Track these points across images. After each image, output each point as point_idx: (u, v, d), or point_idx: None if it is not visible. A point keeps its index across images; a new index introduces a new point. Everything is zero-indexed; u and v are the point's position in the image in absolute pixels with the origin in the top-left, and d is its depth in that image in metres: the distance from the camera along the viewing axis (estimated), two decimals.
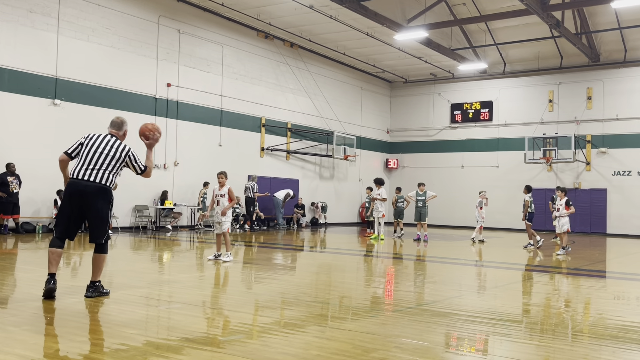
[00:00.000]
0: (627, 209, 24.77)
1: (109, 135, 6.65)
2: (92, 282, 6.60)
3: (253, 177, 22.03)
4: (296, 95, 25.21)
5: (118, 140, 6.64)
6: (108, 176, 6.43)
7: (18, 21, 15.86)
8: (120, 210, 18.06)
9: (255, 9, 21.02)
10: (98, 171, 6.38)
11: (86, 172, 6.36)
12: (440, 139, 29.76)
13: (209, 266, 10.03)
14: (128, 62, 18.51)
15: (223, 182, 10.78)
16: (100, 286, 6.63)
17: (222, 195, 10.72)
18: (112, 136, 6.65)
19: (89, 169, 6.37)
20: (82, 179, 6.34)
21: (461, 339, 5.32)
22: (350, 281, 9.26)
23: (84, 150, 6.48)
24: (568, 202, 14.75)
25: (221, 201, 10.73)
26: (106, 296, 6.52)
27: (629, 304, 7.79)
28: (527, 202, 16.81)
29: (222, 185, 10.78)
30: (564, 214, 14.61)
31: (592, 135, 25.80)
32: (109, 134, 6.68)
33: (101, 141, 6.53)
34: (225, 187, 10.75)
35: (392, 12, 21.63)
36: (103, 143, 6.51)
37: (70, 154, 6.50)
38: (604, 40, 24.98)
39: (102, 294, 6.57)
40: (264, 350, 4.51)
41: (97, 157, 6.42)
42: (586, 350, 4.92)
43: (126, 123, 6.90)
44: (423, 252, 14.60)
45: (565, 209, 14.65)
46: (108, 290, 6.73)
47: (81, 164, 6.41)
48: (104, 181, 6.40)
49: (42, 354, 4.30)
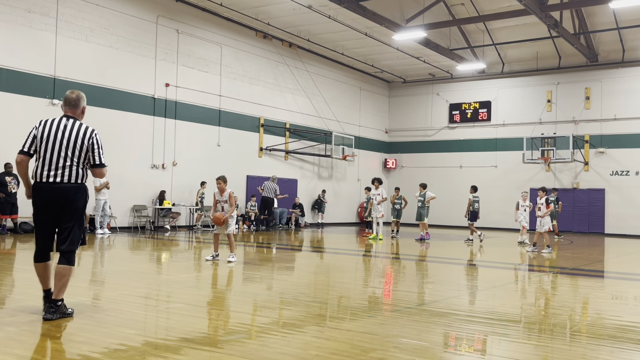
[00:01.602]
0: (625, 209, 24.80)
1: (65, 118, 5.43)
2: (53, 300, 5.33)
3: (273, 177, 22.05)
4: (295, 95, 25.21)
5: (77, 121, 5.45)
6: (77, 171, 5.37)
7: (16, 21, 15.84)
8: (118, 210, 18.06)
9: (254, 9, 21.01)
10: (64, 168, 5.30)
11: (50, 171, 5.28)
12: (439, 139, 29.77)
13: (207, 266, 10.03)
14: (126, 62, 18.49)
15: (222, 187, 10.72)
16: (63, 305, 5.41)
17: (225, 202, 10.67)
18: (68, 118, 5.44)
19: (52, 168, 5.28)
20: (48, 182, 5.28)
21: (460, 338, 5.32)
22: (348, 281, 9.26)
23: (40, 145, 5.32)
24: (547, 201, 14.94)
25: (225, 207, 10.70)
26: (70, 317, 5.42)
27: (627, 303, 7.80)
28: (470, 200, 17.89)
29: (222, 190, 10.71)
30: (545, 213, 14.79)
31: (590, 135, 25.83)
32: (65, 117, 5.46)
33: (57, 128, 5.35)
34: (226, 192, 10.70)
35: (391, 12, 21.64)
36: (60, 130, 5.34)
37: (28, 152, 5.36)
38: (602, 41, 25.01)
39: (65, 315, 5.40)
40: (263, 350, 4.51)
41: (57, 150, 5.29)
42: (584, 350, 4.93)
43: (83, 98, 5.60)
44: (421, 252, 14.61)
45: (546, 207, 14.83)
46: (72, 310, 5.51)
47: (42, 163, 5.30)
48: (75, 178, 5.36)
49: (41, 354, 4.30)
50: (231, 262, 10.32)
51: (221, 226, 10.68)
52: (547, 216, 14.96)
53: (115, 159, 17.80)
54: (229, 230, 10.68)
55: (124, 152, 18.26)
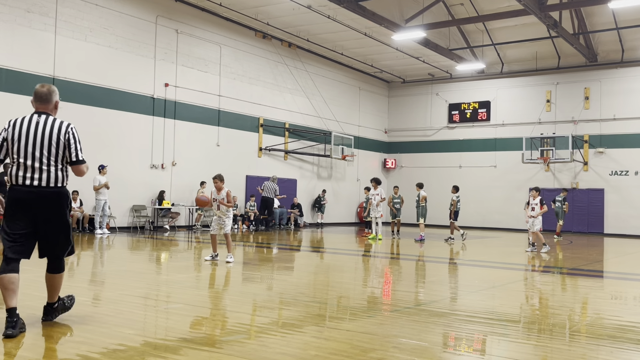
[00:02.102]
0: (625, 209, 24.81)
1: (37, 115, 5.01)
2: (49, 304, 5.24)
3: (273, 178, 22.06)
4: (294, 95, 25.20)
5: (50, 117, 5.03)
6: (56, 173, 4.93)
7: (15, 21, 15.83)
8: (117, 210, 18.05)
9: (253, 9, 21.01)
10: (41, 171, 4.87)
11: (26, 174, 4.85)
12: (438, 139, 29.77)
13: (206, 266, 10.03)
14: (126, 62, 18.49)
15: (219, 186, 10.72)
16: (59, 304, 5.30)
17: (222, 199, 10.69)
18: (40, 115, 5.02)
19: (28, 170, 4.85)
20: (25, 185, 4.86)
21: (459, 339, 5.32)
22: (348, 281, 9.26)
23: (12, 147, 4.90)
24: (542, 202, 14.95)
25: (221, 206, 10.71)
26: (71, 307, 5.44)
27: (627, 303, 7.80)
28: (454, 201, 18.13)
29: (219, 189, 10.72)
30: (538, 213, 14.81)
31: (590, 135, 25.84)
32: (36, 113, 5.04)
33: (28, 126, 4.92)
34: (223, 190, 10.71)
35: (390, 12, 21.64)
36: (32, 128, 4.92)
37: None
38: (602, 41, 25.02)
39: (65, 310, 5.39)
40: (262, 351, 4.51)
41: (32, 150, 4.87)
42: (584, 350, 4.93)
43: (55, 92, 5.15)
44: (421, 252, 14.60)
45: (540, 208, 14.85)
46: (71, 299, 5.46)
47: (17, 166, 4.89)
48: (55, 181, 4.92)
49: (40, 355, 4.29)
50: (230, 263, 10.31)
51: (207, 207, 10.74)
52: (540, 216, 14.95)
53: (115, 159, 17.82)
54: (225, 230, 10.68)
55: (123, 152, 18.26)
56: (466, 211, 27.89)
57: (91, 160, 16.37)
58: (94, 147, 17.05)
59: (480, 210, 27.60)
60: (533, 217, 14.94)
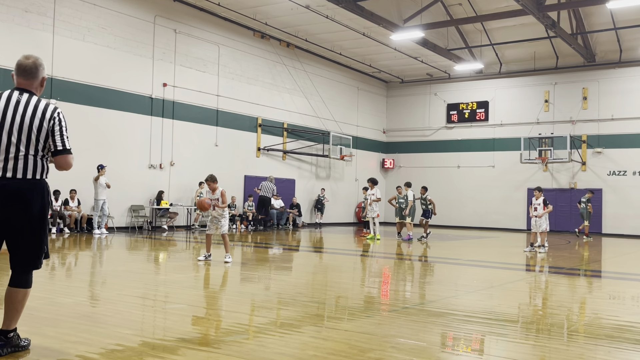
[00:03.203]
0: (623, 209, 24.84)
1: (18, 92, 4.14)
2: (3, 331, 4.13)
3: (270, 178, 22.04)
4: (292, 95, 25.20)
5: (34, 96, 4.18)
6: (35, 162, 4.06)
7: (13, 21, 15.80)
8: (116, 210, 18.03)
9: (252, 9, 21.00)
10: (17, 160, 3.99)
11: None
12: (437, 139, 29.78)
13: (204, 266, 10.01)
14: (124, 62, 18.47)
15: (213, 186, 10.68)
16: (16, 336, 4.20)
17: (217, 200, 10.68)
18: (22, 92, 4.15)
19: (1, 159, 3.98)
20: None
21: (457, 338, 5.32)
22: (346, 281, 9.26)
23: None
24: (545, 202, 14.94)
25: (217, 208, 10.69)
26: (26, 351, 4.26)
27: (625, 303, 7.81)
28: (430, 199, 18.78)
29: (213, 190, 10.70)
30: (542, 213, 14.81)
31: (588, 135, 25.87)
32: (17, 90, 4.17)
33: (6, 105, 4.06)
34: (217, 190, 10.70)
35: (389, 12, 21.65)
36: (11, 108, 4.05)
37: None
38: (600, 41, 25.05)
39: (19, 348, 4.20)
40: (260, 351, 4.50)
41: (7, 134, 3.99)
42: (582, 350, 4.93)
43: (42, 66, 4.27)
44: (420, 252, 14.61)
45: (543, 208, 14.85)
46: (28, 342, 4.31)
47: None
48: (32, 172, 4.06)
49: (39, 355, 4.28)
50: (228, 263, 10.30)
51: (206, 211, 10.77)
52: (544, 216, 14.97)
53: (113, 158, 17.80)
54: (222, 230, 10.67)
55: (121, 152, 18.25)
56: (464, 211, 28.05)
57: (91, 160, 16.47)
58: (92, 147, 17.05)
59: (478, 210, 27.65)
60: (537, 217, 14.91)
